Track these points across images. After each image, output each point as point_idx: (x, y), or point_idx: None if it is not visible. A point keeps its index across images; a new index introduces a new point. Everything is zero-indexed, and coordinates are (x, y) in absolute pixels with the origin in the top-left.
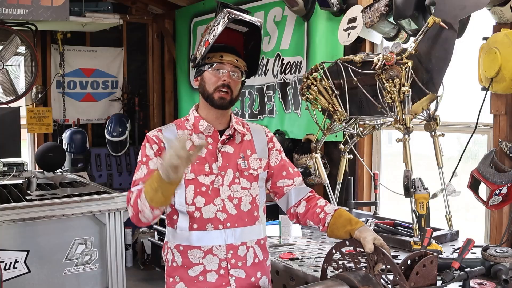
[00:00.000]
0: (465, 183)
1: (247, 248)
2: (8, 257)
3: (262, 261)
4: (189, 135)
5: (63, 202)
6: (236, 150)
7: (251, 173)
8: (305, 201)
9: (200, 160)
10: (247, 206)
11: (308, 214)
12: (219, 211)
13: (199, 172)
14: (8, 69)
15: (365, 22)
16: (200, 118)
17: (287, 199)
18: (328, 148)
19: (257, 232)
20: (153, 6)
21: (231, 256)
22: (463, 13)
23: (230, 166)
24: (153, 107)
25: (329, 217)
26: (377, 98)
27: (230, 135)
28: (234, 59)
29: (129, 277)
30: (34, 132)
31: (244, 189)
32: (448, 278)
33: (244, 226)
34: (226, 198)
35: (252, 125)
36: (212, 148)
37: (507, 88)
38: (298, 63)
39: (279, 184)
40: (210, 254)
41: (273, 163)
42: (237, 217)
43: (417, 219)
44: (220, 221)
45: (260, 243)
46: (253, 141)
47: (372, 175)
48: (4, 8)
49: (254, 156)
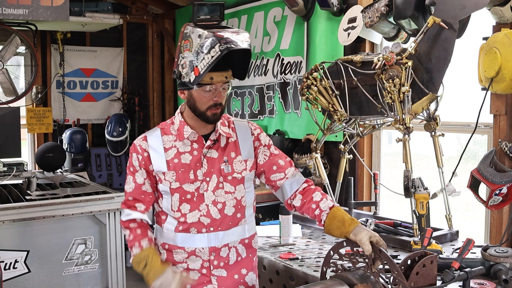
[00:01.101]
0: (465, 183)
1: (229, 248)
2: (8, 257)
3: (245, 258)
4: (184, 273)
5: (63, 202)
6: (220, 154)
7: (235, 176)
8: (301, 194)
9: (185, 168)
10: (231, 210)
11: (304, 208)
12: (203, 215)
13: (184, 181)
14: (8, 69)
15: (365, 22)
16: (184, 124)
17: (282, 192)
18: (328, 148)
19: (240, 232)
20: (153, 6)
21: (214, 258)
22: (463, 13)
23: (214, 171)
24: (153, 107)
25: (324, 216)
26: (377, 98)
27: (215, 140)
28: (223, 77)
29: (129, 277)
30: (34, 132)
31: (228, 193)
32: (448, 278)
33: (227, 229)
34: (210, 203)
35: (238, 122)
36: (197, 154)
37: (507, 88)
38: (298, 63)
39: (272, 178)
40: (193, 255)
41: (262, 161)
42: (220, 221)
43: (417, 219)
44: (204, 225)
45: (245, 242)
46: (238, 142)
47: (372, 175)
48: (4, 8)
49: (238, 158)
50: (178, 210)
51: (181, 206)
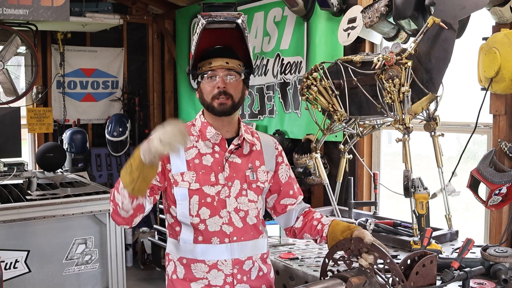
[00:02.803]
0: (465, 183)
1: (253, 262)
2: (9, 256)
3: (266, 274)
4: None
5: (64, 202)
6: (244, 161)
7: (259, 185)
8: (302, 215)
9: (206, 169)
10: (252, 220)
11: (306, 227)
12: (225, 223)
13: (205, 182)
14: (8, 69)
15: (365, 22)
16: (207, 125)
17: (288, 218)
18: (328, 148)
19: (261, 246)
20: (153, 6)
21: (237, 271)
22: (462, 13)
23: (237, 177)
24: (153, 107)
25: (326, 228)
26: (377, 98)
27: (238, 144)
28: (223, 62)
29: (129, 277)
30: (34, 132)
31: (251, 202)
32: (447, 277)
33: (250, 239)
34: (232, 210)
35: (262, 135)
36: (219, 157)
37: (506, 88)
38: (298, 63)
39: (282, 202)
40: (215, 269)
41: (283, 179)
42: (244, 231)
43: (416, 219)
44: (226, 235)
45: (263, 257)
46: (263, 152)
47: (372, 175)
48: (5, 8)
49: (262, 168)
50: (197, 215)
51: (200, 211)
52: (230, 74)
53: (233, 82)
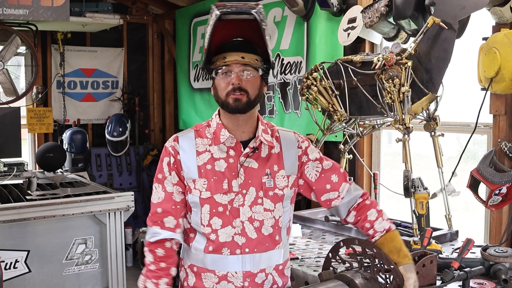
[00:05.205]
0: (465, 183)
1: (266, 275)
2: (9, 256)
3: (280, 287)
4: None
5: (64, 202)
6: (261, 166)
7: (277, 193)
8: (355, 210)
9: (218, 176)
10: (268, 230)
11: (358, 225)
12: (237, 234)
13: (216, 190)
14: (8, 69)
15: (365, 22)
16: (222, 127)
17: (337, 212)
18: (328, 148)
19: (276, 257)
20: (153, 6)
21: (248, 284)
22: (462, 13)
23: (253, 183)
24: (153, 107)
25: (377, 236)
26: (377, 98)
27: (255, 148)
28: (239, 57)
29: (129, 277)
30: (34, 132)
31: (267, 211)
32: (447, 277)
33: (264, 251)
34: (246, 219)
35: (283, 132)
36: (233, 162)
37: (506, 88)
38: (298, 63)
39: (324, 198)
40: (225, 280)
41: (313, 178)
42: (257, 242)
43: (416, 219)
44: (238, 246)
45: (279, 269)
46: (282, 155)
47: (372, 175)
48: (5, 8)
49: (281, 173)
50: (209, 225)
51: (212, 220)
52: (246, 69)
53: (250, 79)
